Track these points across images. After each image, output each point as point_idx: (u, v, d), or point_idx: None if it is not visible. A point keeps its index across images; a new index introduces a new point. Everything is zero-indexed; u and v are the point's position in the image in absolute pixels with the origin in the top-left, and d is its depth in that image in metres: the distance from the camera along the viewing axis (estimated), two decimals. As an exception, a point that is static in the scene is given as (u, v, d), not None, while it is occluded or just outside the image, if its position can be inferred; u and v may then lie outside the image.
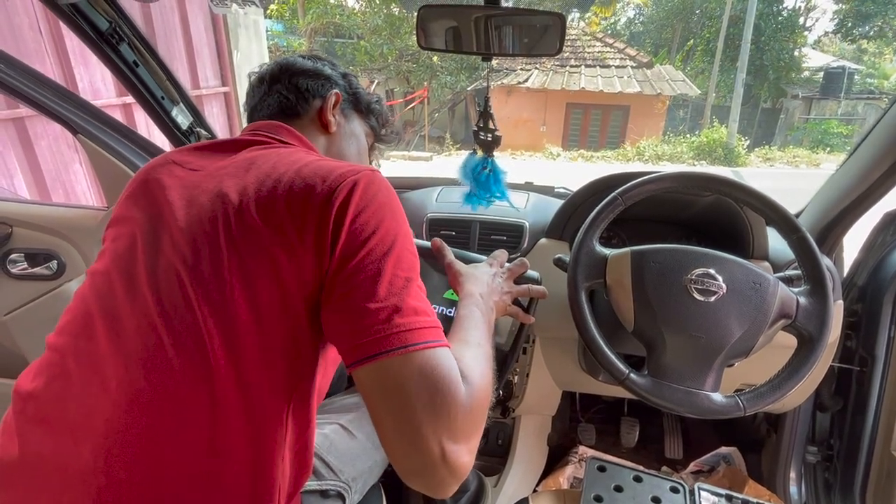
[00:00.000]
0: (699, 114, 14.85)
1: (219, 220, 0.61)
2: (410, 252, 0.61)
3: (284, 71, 0.85)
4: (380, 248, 0.58)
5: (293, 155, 0.68)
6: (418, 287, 0.59)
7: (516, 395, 1.33)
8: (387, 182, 0.65)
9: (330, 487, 0.81)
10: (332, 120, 0.84)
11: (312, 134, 0.82)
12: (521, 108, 12.33)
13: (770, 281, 0.83)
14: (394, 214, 0.62)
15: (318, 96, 0.84)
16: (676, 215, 1.23)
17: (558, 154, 11.88)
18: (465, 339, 0.67)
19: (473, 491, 1.23)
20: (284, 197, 0.60)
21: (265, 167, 0.65)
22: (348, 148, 0.87)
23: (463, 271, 0.84)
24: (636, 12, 19.31)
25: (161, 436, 0.56)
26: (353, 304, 0.55)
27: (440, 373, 0.53)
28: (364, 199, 0.60)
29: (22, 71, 1.22)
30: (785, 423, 1.36)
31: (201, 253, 0.60)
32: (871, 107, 13.09)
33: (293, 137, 0.78)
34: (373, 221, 0.59)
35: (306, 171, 0.63)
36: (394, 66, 12.48)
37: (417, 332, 0.54)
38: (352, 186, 0.60)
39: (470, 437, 0.54)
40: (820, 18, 32.57)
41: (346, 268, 0.56)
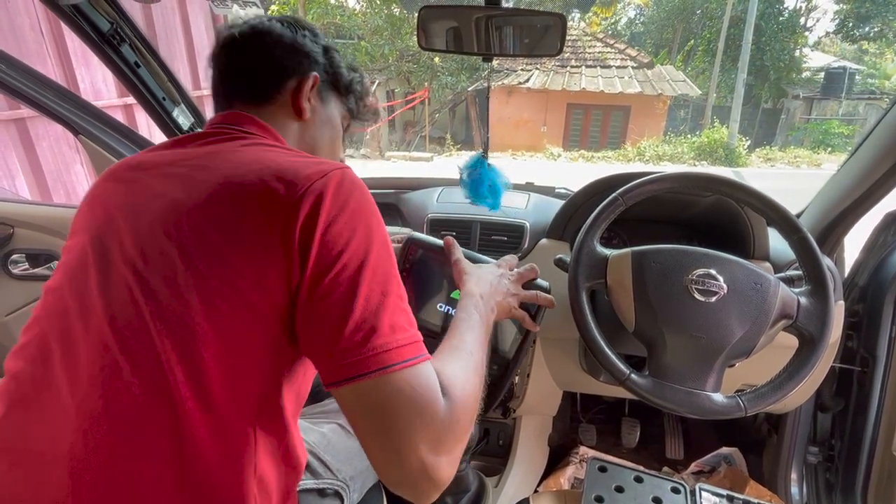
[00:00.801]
0: (700, 114, 14.84)
1: (171, 231, 0.57)
2: (387, 258, 0.58)
3: (258, 39, 0.74)
4: (354, 261, 0.54)
5: (256, 152, 0.63)
6: (397, 297, 0.56)
7: (517, 396, 1.33)
8: (358, 181, 0.60)
9: (327, 486, 0.81)
10: (306, 106, 0.75)
11: (283, 121, 0.74)
12: (521, 109, 12.34)
13: (771, 281, 0.83)
14: (367, 220, 0.58)
15: (294, 76, 0.74)
16: (677, 216, 1.22)
17: (559, 154, 11.88)
18: (456, 346, 0.66)
19: (474, 491, 1.22)
20: (244, 205, 0.56)
21: (224, 167, 0.60)
22: (322, 136, 0.79)
23: (468, 270, 0.83)
24: (637, 13, 19.32)
25: (124, 463, 0.53)
26: (327, 326, 0.53)
27: (419, 391, 0.52)
28: (335, 207, 0.56)
29: (23, 72, 1.23)
30: (786, 424, 1.36)
31: (153, 266, 0.56)
32: (872, 107, 13.08)
33: (261, 129, 0.70)
34: (346, 232, 0.55)
35: (268, 172, 0.57)
36: (394, 67, 12.49)
37: (395, 352, 0.52)
38: (320, 192, 0.55)
39: (451, 449, 0.54)
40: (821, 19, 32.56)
41: (319, 287, 0.53)
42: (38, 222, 1.41)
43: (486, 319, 0.75)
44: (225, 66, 0.74)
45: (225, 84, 0.75)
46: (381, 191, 1.47)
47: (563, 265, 0.94)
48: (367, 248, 0.56)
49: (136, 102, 1.32)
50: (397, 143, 13.36)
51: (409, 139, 13.47)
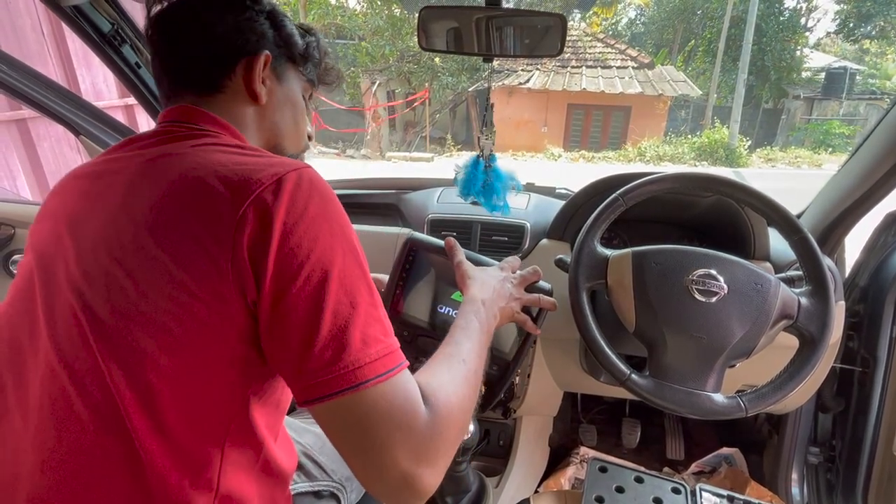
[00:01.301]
0: (700, 114, 14.83)
1: (115, 248, 0.53)
2: (354, 265, 0.54)
3: (193, 20, 0.65)
4: (316, 273, 0.50)
5: (205, 154, 0.57)
6: (368, 305, 0.53)
7: (517, 396, 1.33)
8: (318, 181, 0.55)
9: (323, 488, 0.81)
10: (261, 90, 0.67)
11: (238, 110, 0.67)
12: (522, 109, 12.33)
13: (771, 281, 0.83)
14: (330, 225, 0.53)
15: (243, 58, 0.66)
16: (678, 216, 1.22)
17: (559, 155, 11.88)
18: (450, 354, 0.65)
19: (475, 492, 1.22)
20: (189, 217, 0.51)
21: (169, 174, 0.55)
22: (283, 119, 0.73)
23: (471, 273, 0.82)
24: (637, 13, 19.32)
25: (83, 492, 0.51)
26: (293, 345, 0.50)
27: (396, 404, 0.50)
28: (292, 215, 0.51)
29: (24, 72, 1.23)
30: (787, 424, 1.36)
31: (96, 288, 0.52)
32: (872, 107, 13.07)
33: (214, 124, 0.64)
34: (305, 242, 0.50)
35: (215, 178, 0.52)
36: (395, 68, 12.49)
37: (367, 368, 0.50)
38: (273, 199, 0.50)
39: (434, 460, 0.52)
40: (821, 19, 32.55)
41: (281, 304, 0.50)
42: (39, 223, 1.41)
43: (487, 326, 0.74)
44: (164, 53, 0.67)
45: (169, 74, 0.67)
46: (382, 191, 1.48)
47: (564, 265, 0.94)
48: (330, 258, 0.51)
49: (137, 103, 1.32)
50: (398, 144, 13.36)
51: (409, 140, 13.47)
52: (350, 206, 1.47)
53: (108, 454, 0.51)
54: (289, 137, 0.74)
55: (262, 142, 0.71)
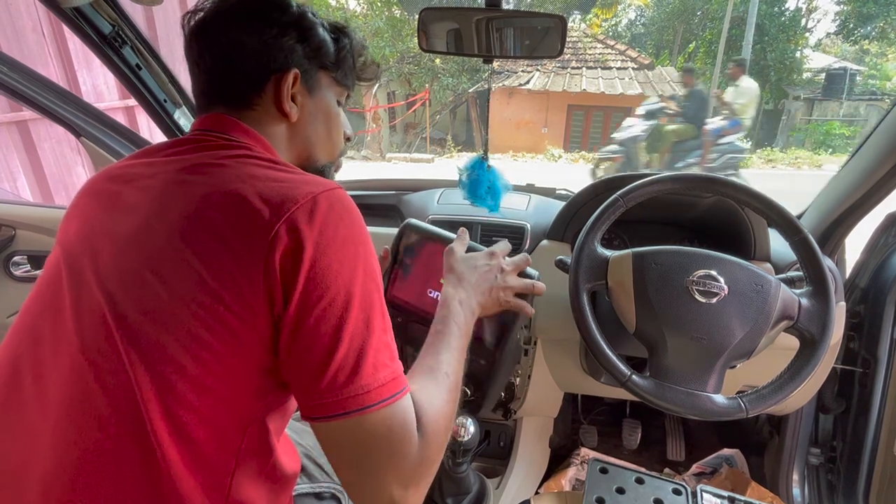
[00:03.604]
0: (701, 115, 14.81)
1: (146, 251, 0.54)
2: (373, 289, 0.55)
3: (221, 33, 0.65)
4: (340, 297, 0.52)
5: (240, 166, 0.58)
6: (381, 331, 0.54)
7: (518, 397, 1.33)
8: (349, 203, 0.57)
9: (324, 490, 0.81)
10: (291, 108, 0.67)
11: (270, 125, 0.68)
12: (522, 110, 12.33)
13: (772, 282, 0.83)
14: (356, 249, 0.55)
15: (271, 78, 0.66)
16: (678, 217, 1.22)
17: (560, 156, 11.87)
18: (431, 368, 0.65)
19: (475, 493, 1.22)
20: (225, 229, 0.52)
21: (206, 184, 0.56)
22: (316, 132, 0.72)
23: (452, 265, 0.81)
24: (637, 14, 19.32)
25: (96, 490, 0.51)
26: (310, 364, 0.51)
27: (394, 430, 0.52)
28: (325, 236, 0.52)
29: (25, 74, 1.23)
30: (787, 425, 1.36)
31: (129, 292, 0.53)
32: (873, 108, 13.05)
33: (247, 136, 0.65)
34: (334, 265, 0.52)
35: (252, 192, 0.53)
36: (395, 69, 12.50)
37: (375, 393, 0.51)
38: (307, 219, 0.52)
39: (419, 482, 0.55)
40: (821, 20, 32.56)
41: (305, 324, 0.51)
42: (39, 224, 1.41)
43: (466, 328, 0.73)
44: (197, 65, 0.67)
45: (202, 86, 0.68)
46: (382, 192, 1.48)
47: (564, 266, 0.94)
48: (355, 282, 0.53)
49: (138, 104, 1.32)
50: (398, 145, 13.36)
51: (409, 141, 13.47)
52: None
53: (127, 455, 0.51)
54: (322, 148, 0.74)
55: (293, 155, 0.71)
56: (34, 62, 3.23)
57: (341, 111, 0.77)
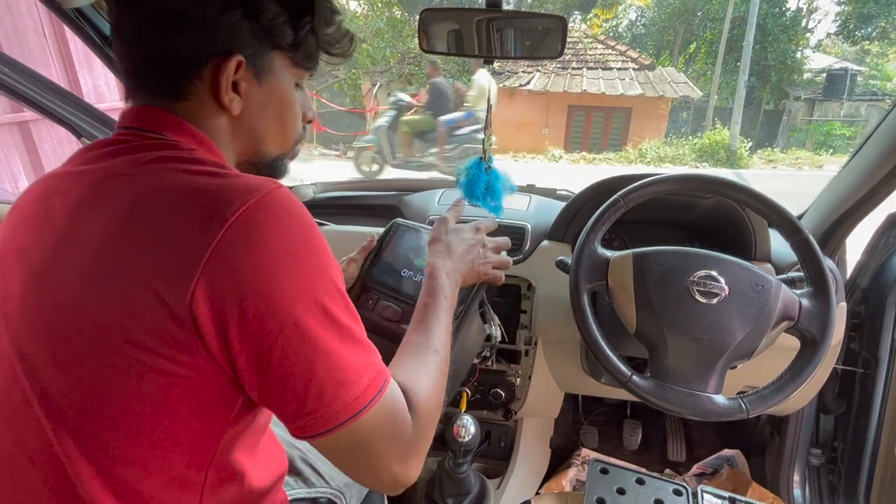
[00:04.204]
0: (701, 116, 14.81)
1: (54, 289, 0.47)
2: (334, 292, 0.51)
3: (146, 3, 0.53)
4: (294, 318, 0.46)
5: (157, 174, 0.49)
6: (350, 329, 0.51)
7: (518, 398, 1.33)
8: (287, 204, 0.49)
9: (320, 495, 0.80)
10: (231, 99, 0.56)
11: (207, 118, 0.57)
12: (523, 111, 12.33)
13: (772, 283, 0.83)
14: (301, 258, 0.48)
15: (208, 64, 0.54)
16: (678, 217, 1.22)
17: (560, 156, 11.87)
18: (422, 345, 0.65)
19: (476, 493, 1.22)
20: (136, 256, 0.45)
21: (115, 200, 0.48)
22: (265, 124, 0.61)
23: (443, 237, 0.80)
24: (638, 14, 19.31)
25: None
26: (286, 395, 0.48)
27: (389, 420, 0.52)
28: (259, 263, 0.45)
29: (26, 75, 1.23)
30: (788, 426, 1.36)
31: (37, 336, 0.47)
32: (874, 108, 13.04)
33: (179, 131, 0.55)
34: (276, 285, 0.46)
35: (167, 209, 0.46)
36: (396, 69, 12.49)
37: (362, 396, 0.49)
38: (237, 245, 0.45)
39: (418, 454, 0.56)
40: (822, 20, 32.57)
41: (261, 357, 0.46)
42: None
43: (453, 299, 0.74)
44: (121, 39, 0.55)
45: (124, 67, 0.56)
46: (383, 192, 1.48)
47: (565, 267, 0.94)
48: (307, 297, 0.47)
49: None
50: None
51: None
52: (351, 208, 1.48)
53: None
54: (273, 141, 0.63)
55: (238, 150, 0.62)
56: (35, 63, 3.24)
57: (303, 92, 0.66)
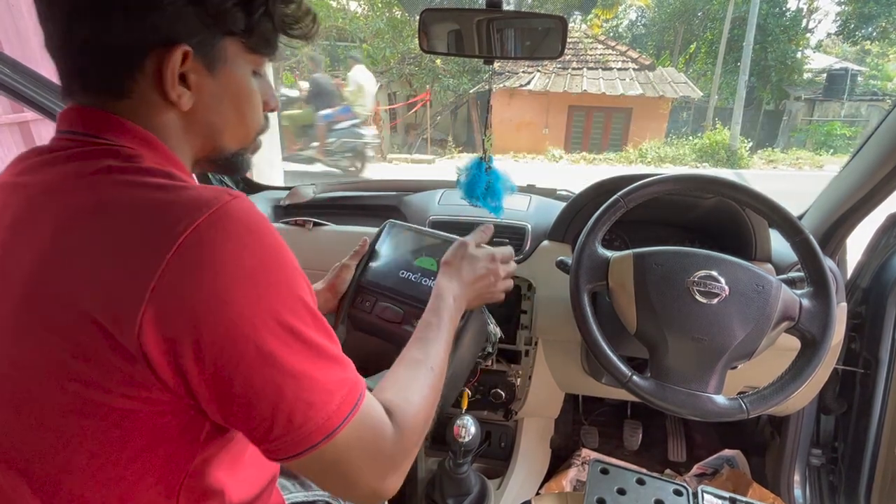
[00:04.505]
0: (702, 116, 14.82)
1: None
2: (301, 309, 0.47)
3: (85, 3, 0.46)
4: (253, 351, 0.43)
5: (94, 188, 0.45)
6: (319, 347, 0.48)
7: (519, 398, 1.33)
8: (243, 217, 0.45)
9: (318, 498, 0.80)
10: (180, 94, 0.50)
11: (154, 115, 0.51)
12: (523, 111, 12.33)
13: (773, 283, 0.83)
14: (254, 278, 0.44)
15: (150, 56, 0.48)
16: (679, 217, 1.22)
17: (560, 157, 11.87)
18: (418, 361, 0.64)
19: (476, 494, 1.22)
20: (76, 286, 0.41)
21: (51, 220, 0.44)
22: (221, 117, 0.56)
23: (457, 261, 0.80)
24: (638, 15, 19.32)
25: None
26: (253, 424, 0.45)
27: (365, 437, 0.50)
28: (205, 283, 0.41)
29: (26, 75, 1.23)
30: (789, 426, 1.36)
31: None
32: (874, 108, 13.04)
33: (122, 134, 0.49)
34: (231, 315, 0.42)
35: (105, 232, 0.42)
36: (396, 70, 12.50)
37: (335, 415, 0.47)
38: (185, 271, 0.41)
39: (398, 470, 0.54)
40: (822, 20, 32.56)
41: (220, 390, 0.43)
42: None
43: (454, 322, 0.74)
44: (49, 26, 0.49)
45: (60, 63, 0.50)
46: (383, 193, 1.48)
47: (565, 267, 0.94)
48: (269, 314, 0.44)
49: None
50: (399, 146, 13.36)
51: (410, 141, 13.47)
52: (351, 208, 1.49)
53: None
54: (231, 134, 0.58)
55: (193, 148, 0.57)
56: (36, 64, 3.24)
57: (263, 79, 0.60)
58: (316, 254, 1.31)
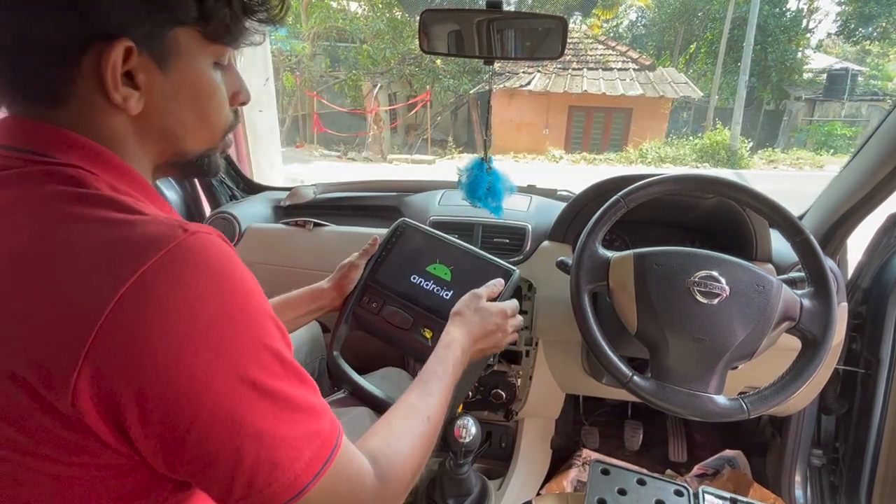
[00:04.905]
0: (702, 116, 14.82)
1: None
2: (265, 357, 0.42)
3: None
4: (209, 411, 0.38)
5: (33, 221, 0.39)
6: (288, 397, 0.43)
7: (519, 399, 1.33)
8: (195, 259, 0.39)
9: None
10: (129, 97, 0.44)
11: (99, 122, 0.45)
12: (523, 112, 12.34)
13: (773, 283, 0.82)
14: (212, 331, 0.39)
15: (85, 47, 0.42)
16: (679, 218, 1.22)
17: (561, 157, 11.88)
18: (417, 409, 0.63)
19: (477, 494, 1.22)
20: (4, 343, 0.37)
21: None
22: (178, 119, 0.49)
23: (469, 314, 0.82)
24: (638, 15, 19.32)
25: None
26: (200, 484, 0.42)
27: (341, 490, 0.47)
28: (152, 339, 0.36)
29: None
30: (790, 427, 1.35)
31: None
32: (874, 108, 13.04)
33: (62, 145, 0.44)
34: (183, 374, 0.37)
35: (36, 274, 0.37)
36: (396, 70, 12.51)
37: (304, 473, 0.43)
38: (123, 320, 0.36)
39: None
40: (822, 20, 32.56)
41: (163, 455, 0.39)
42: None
43: (458, 375, 0.75)
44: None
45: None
46: (384, 193, 1.48)
47: (566, 267, 0.94)
48: (228, 371, 0.40)
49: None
50: (399, 146, 13.38)
51: (411, 142, 13.49)
52: (352, 209, 1.49)
53: None
54: (193, 136, 0.52)
55: (152, 154, 0.51)
56: None
57: (230, 70, 0.54)
58: (316, 254, 1.32)
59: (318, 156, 11.69)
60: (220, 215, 1.39)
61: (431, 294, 0.95)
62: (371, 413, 0.92)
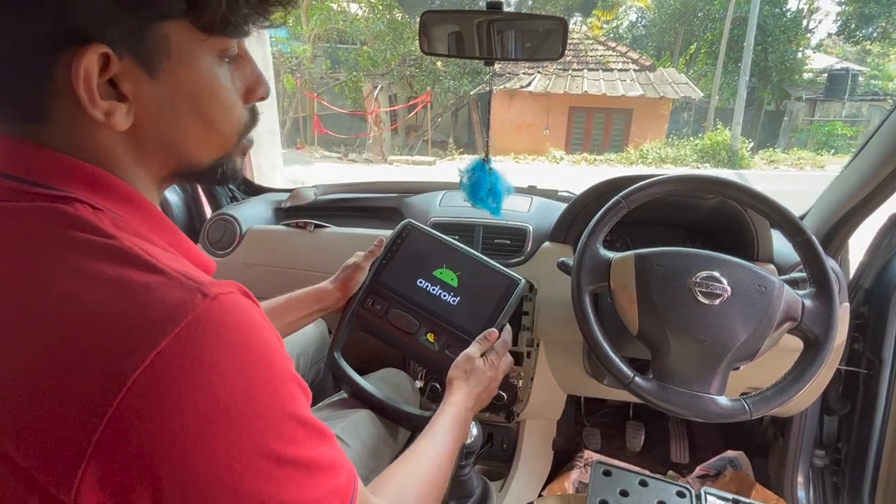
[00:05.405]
0: (703, 116, 14.82)
1: None
2: (289, 428, 0.39)
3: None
4: (230, 494, 0.35)
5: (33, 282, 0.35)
6: (307, 465, 0.40)
7: (521, 400, 1.32)
8: (217, 330, 0.36)
9: None
10: (110, 112, 0.38)
11: (89, 138, 0.40)
12: (523, 113, 12.35)
13: (775, 283, 0.82)
14: (234, 411, 0.35)
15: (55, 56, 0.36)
16: (680, 218, 1.22)
17: (561, 158, 11.88)
18: (429, 456, 0.66)
19: (478, 495, 1.22)
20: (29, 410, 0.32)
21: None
22: (179, 128, 0.43)
23: (470, 376, 0.85)
24: (638, 16, 19.33)
25: None
26: None
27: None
28: (169, 427, 0.33)
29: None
30: (792, 427, 1.35)
31: None
32: (875, 108, 13.03)
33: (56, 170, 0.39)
34: (201, 459, 0.34)
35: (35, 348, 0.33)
36: (397, 72, 12.53)
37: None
38: (137, 408, 0.32)
39: None
40: (823, 20, 32.58)
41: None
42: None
43: (463, 430, 0.79)
44: None
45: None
46: (384, 195, 1.48)
47: (567, 268, 0.94)
48: (251, 450, 0.36)
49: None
50: (400, 147, 13.39)
51: (411, 143, 13.50)
52: (352, 210, 1.49)
53: None
54: (199, 145, 0.46)
55: (154, 169, 0.46)
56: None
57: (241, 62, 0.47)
58: (317, 256, 1.32)
59: (319, 157, 11.70)
60: (220, 217, 1.40)
61: (438, 299, 0.96)
62: (371, 416, 0.91)
